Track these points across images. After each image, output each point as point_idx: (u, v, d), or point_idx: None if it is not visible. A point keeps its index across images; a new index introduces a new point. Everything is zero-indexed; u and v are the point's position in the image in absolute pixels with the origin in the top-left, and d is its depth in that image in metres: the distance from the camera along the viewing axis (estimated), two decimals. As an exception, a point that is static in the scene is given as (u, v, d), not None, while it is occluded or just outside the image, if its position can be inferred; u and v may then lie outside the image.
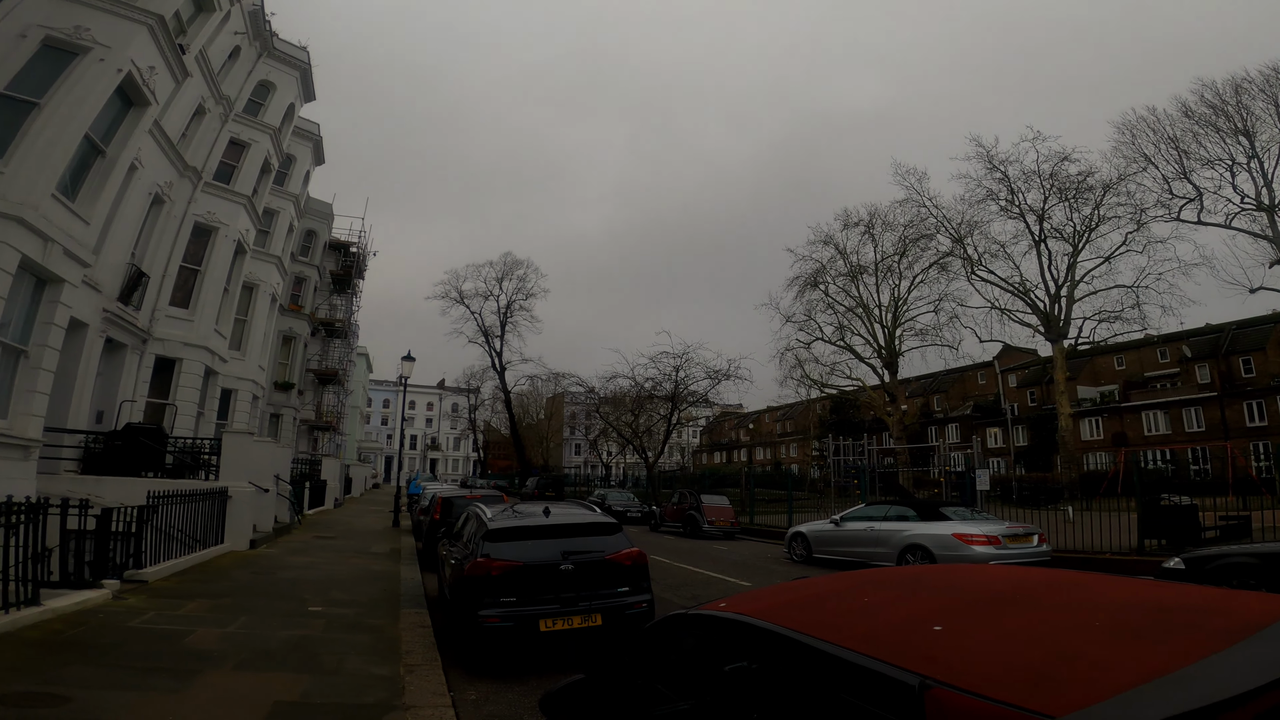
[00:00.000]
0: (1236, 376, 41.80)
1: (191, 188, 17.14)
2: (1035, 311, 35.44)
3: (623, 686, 2.75)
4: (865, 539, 12.81)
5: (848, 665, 1.72)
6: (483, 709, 5.19)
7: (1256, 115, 29.30)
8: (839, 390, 44.35)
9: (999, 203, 35.70)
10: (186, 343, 16.78)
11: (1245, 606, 1.89)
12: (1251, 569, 7.43)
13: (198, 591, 8.52)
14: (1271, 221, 29.07)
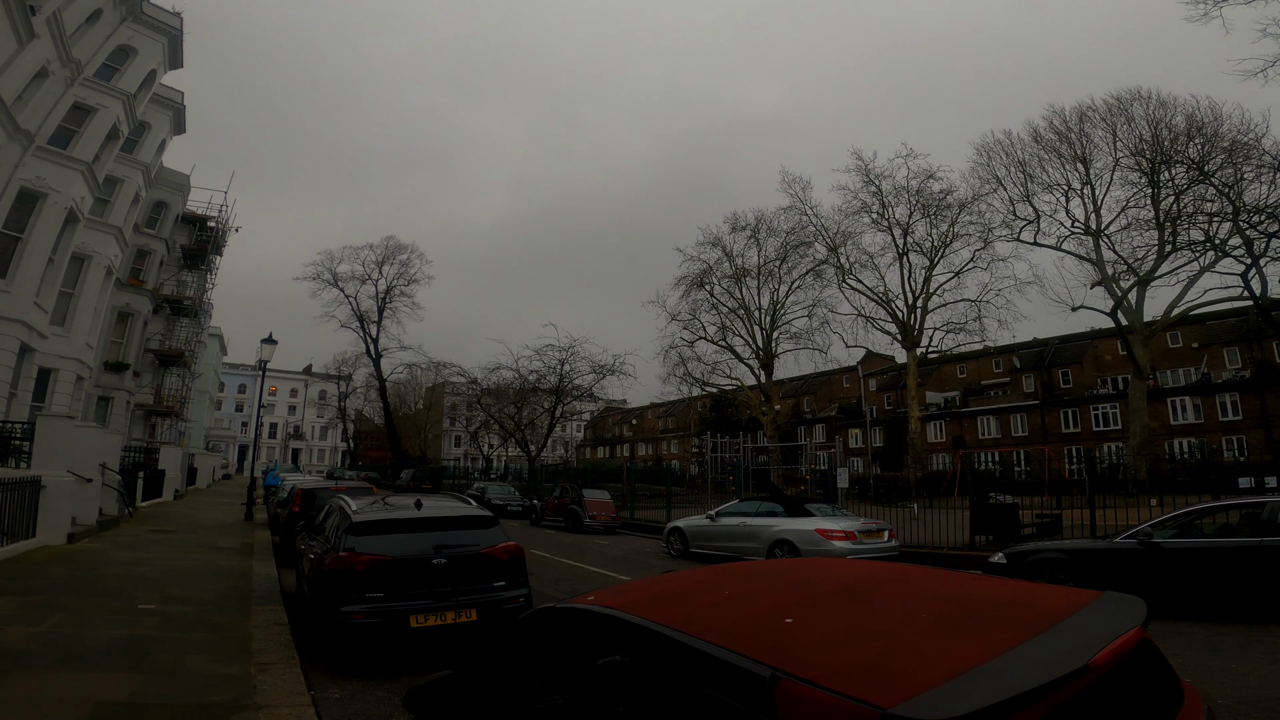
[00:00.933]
0: (1056, 387, 47.72)
1: (21, 151, 15.29)
2: (895, 320, 38.53)
3: (491, 681, 2.72)
4: (738, 534, 13.34)
5: (707, 658, 1.76)
6: (349, 707, 4.99)
7: (1095, 143, 32.79)
8: (719, 389, 45.99)
9: (871, 215, 38.47)
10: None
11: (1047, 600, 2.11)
12: (1061, 563, 8.25)
13: (3, 589, 7.53)
14: (1096, 245, 32.94)
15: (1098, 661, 1.58)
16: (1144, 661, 1.90)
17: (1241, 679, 5.06)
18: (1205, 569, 7.23)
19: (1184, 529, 7.85)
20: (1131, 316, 32.29)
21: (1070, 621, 1.86)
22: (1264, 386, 36.96)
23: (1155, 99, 31.03)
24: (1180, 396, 40.59)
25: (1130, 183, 31.89)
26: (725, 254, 42.34)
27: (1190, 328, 41.40)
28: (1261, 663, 5.50)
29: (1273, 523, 7.13)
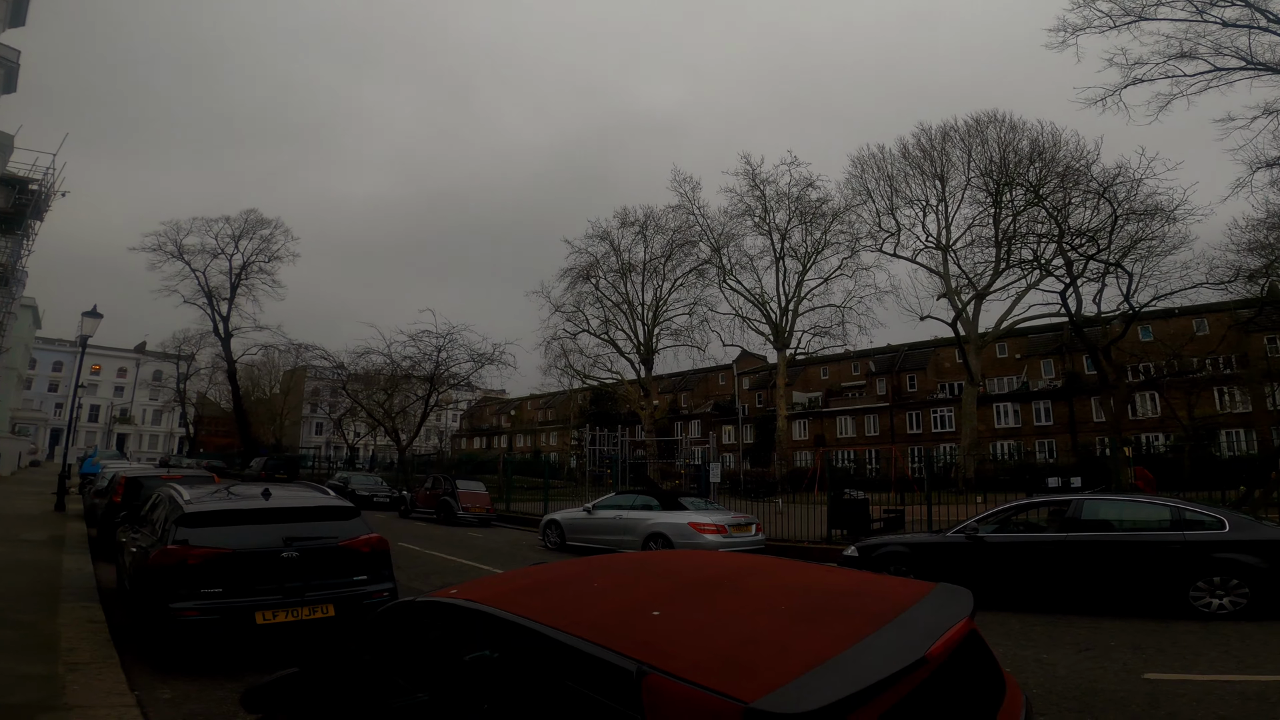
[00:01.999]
0: (904, 391, 52.33)
1: None
2: (769, 322, 40.51)
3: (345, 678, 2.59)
4: (614, 526, 13.48)
5: (574, 651, 1.76)
6: (183, 708, 4.64)
7: (953, 162, 35.74)
8: (600, 382, 46.25)
9: (754, 219, 40.07)
10: None
11: (889, 592, 2.26)
12: (904, 556, 8.88)
13: None
14: (944, 260, 36.13)
15: (934, 653, 1.69)
16: (972, 652, 2.04)
17: (1051, 668, 5.37)
18: (1021, 561, 8.00)
19: (1003, 524, 8.51)
20: (968, 328, 35.98)
21: (909, 613, 1.98)
22: (1072, 395, 42.66)
23: (1007, 123, 34.41)
24: (1004, 402, 45.93)
25: (978, 202, 35.24)
26: (613, 248, 42.63)
27: (1015, 340, 46.88)
28: (1068, 653, 5.84)
29: (1076, 519, 8.02)
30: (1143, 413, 38.60)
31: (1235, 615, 6.86)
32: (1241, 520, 7.56)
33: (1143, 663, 5.37)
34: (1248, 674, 4.86)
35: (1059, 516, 8.27)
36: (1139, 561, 7.38)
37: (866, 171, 37.66)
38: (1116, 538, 7.73)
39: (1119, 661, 5.43)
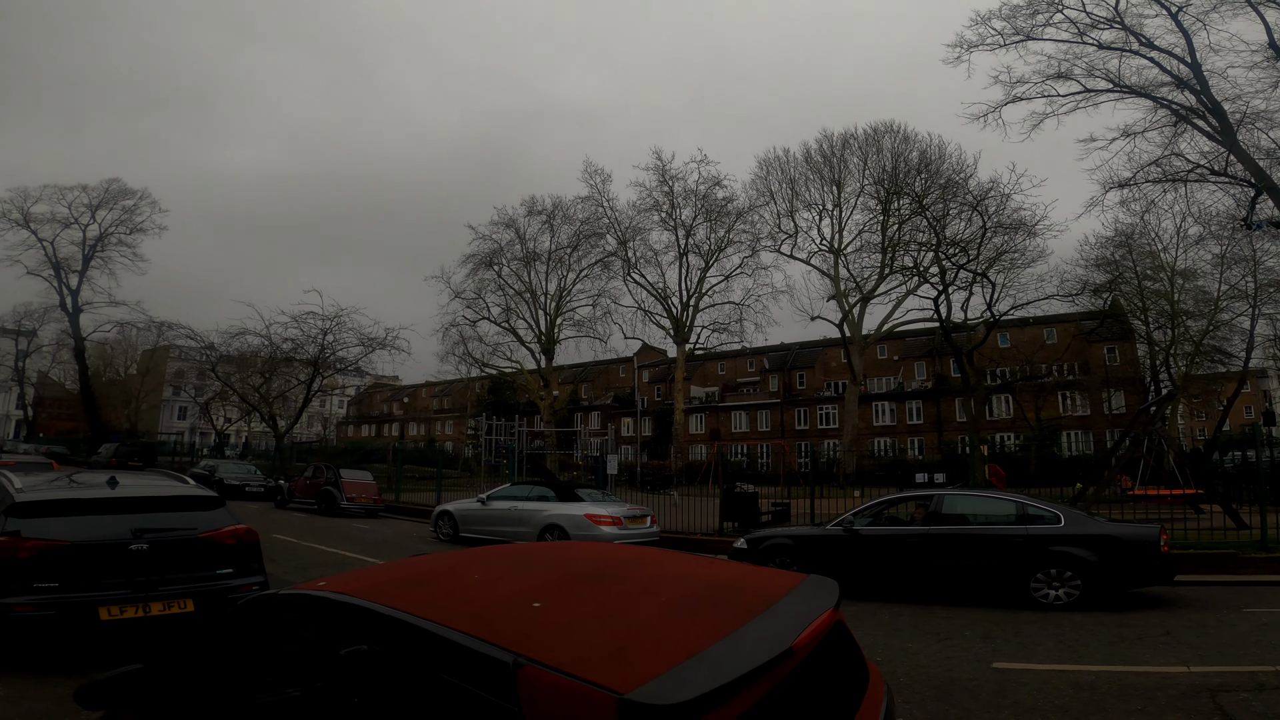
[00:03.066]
0: (794, 388, 54.88)
1: None
2: (670, 316, 41.26)
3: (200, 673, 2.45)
4: (509, 518, 13.28)
5: (449, 644, 1.73)
6: (19, 705, 4.36)
7: (850, 169, 37.47)
8: (499, 371, 45.38)
9: (661, 214, 40.59)
10: None
11: (764, 583, 2.34)
12: (788, 548, 9.17)
13: None
14: (836, 263, 38.08)
15: (800, 643, 1.75)
16: (838, 642, 2.15)
17: (915, 657, 5.60)
18: (890, 553, 8.49)
19: (875, 518, 8.85)
20: (853, 329, 38.22)
21: (780, 605, 2.05)
22: (940, 396, 46.38)
23: (901, 134, 36.60)
24: (882, 401, 49.25)
25: (869, 209, 37.43)
26: (518, 236, 41.85)
27: (894, 342, 50.30)
28: (929, 642, 6.09)
29: (937, 513, 8.36)
30: (999, 414, 42.62)
31: (1069, 606, 7.28)
32: (1075, 515, 8.08)
33: (992, 652, 5.71)
34: (1079, 664, 5.25)
35: (923, 510, 8.72)
36: (989, 554, 7.81)
37: (771, 173, 39.00)
38: (970, 531, 8.12)
39: (972, 651, 5.77)
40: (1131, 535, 7.59)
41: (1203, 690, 4.39)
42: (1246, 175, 19.30)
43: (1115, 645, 5.67)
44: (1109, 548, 7.37)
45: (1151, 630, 6.11)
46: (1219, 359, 30.46)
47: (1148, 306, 29.83)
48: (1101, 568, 7.29)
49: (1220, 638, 5.83)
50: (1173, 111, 20.52)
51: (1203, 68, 19.82)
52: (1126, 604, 7.22)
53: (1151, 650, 5.46)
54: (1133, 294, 29.98)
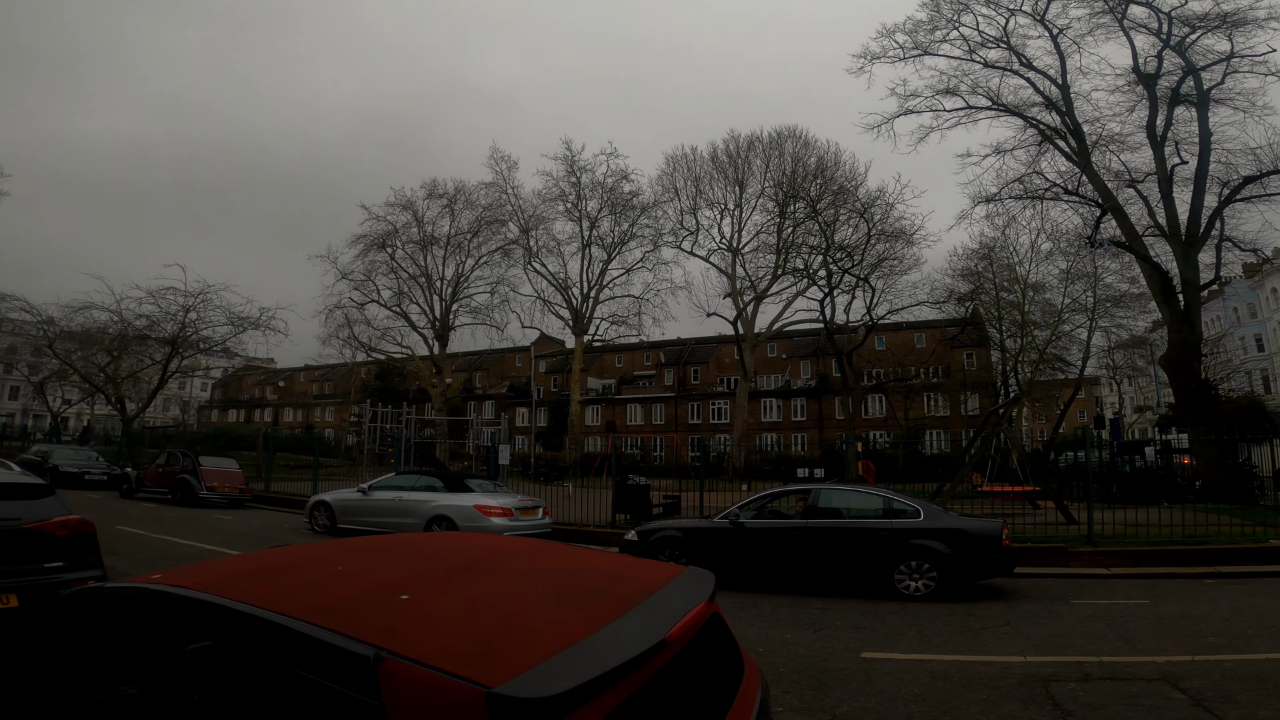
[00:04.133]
0: (689, 382, 56.18)
1: None
2: (570, 307, 40.82)
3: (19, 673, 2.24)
4: (393, 509, 12.73)
5: (303, 639, 1.65)
6: None
7: (753, 171, 38.57)
8: (388, 356, 43.37)
9: (567, 204, 40.06)
10: None
11: (642, 575, 2.34)
12: (677, 540, 9.04)
13: None
14: (733, 262, 39.25)
15: (673, 635, 1.76)
16: (714, 633, 2.19)
17: (792, 647, 5.79)
18: (772, 545, 8.78)
19: (759, 511, 9.11)
20: (746, 327, 39.65)
21: (656, 597, 2.06)
22: (822, 394, 49.07)
23: (803, 139, 38.12)
24: (770, 398, 51.46)
25: (767, 210, 38.77)
26: (416, 219, 40.15)
27: (783, 341, 52.67)
28: (806, 633, 6.31)
29: (815, 507, 8.70)
30: (873, 413, 45.68)
31: (927, 597, 7.70)
32: (933, 509, 8.55)
33: (861, 642, 6.00)
34: (935, 654, 5.59)
35: (803, 504, 9.08)
36: (859, 546, 8.18)
37: (677, 170, 39.65)
38: (843, 524, 8.49)
39: (843, 641, 6.04)
40: (978, 529, 8.06)
41: (1037, 680, 4.79)
42: (1095, 196, 21.35)
43: (964, 635, 6.17)
44: (960, 541, 7.87)
45: (995, 621, 6.67)
46: (1059, 367, 34.16)
47: (1003, 316, 32.92)
48: (953, 560, 7.77)
49: (1051, 628, 6.38)
50: (1040, 131, 22.42)
51: (1070, 89, 21.87)
52: (974, 595, 7.83)
53: (994, 640, 5.96)
54: (991, 304, 33.00)
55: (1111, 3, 20.73)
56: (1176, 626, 6.28)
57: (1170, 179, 20.28)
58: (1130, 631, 6.07)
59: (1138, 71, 21.03)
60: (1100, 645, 5.59)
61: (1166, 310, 20.19)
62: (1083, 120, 21.75)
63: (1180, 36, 20.06)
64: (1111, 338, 33.69)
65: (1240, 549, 9.83)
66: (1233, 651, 5.31)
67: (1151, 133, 20.64)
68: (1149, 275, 20.74)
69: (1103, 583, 8.71)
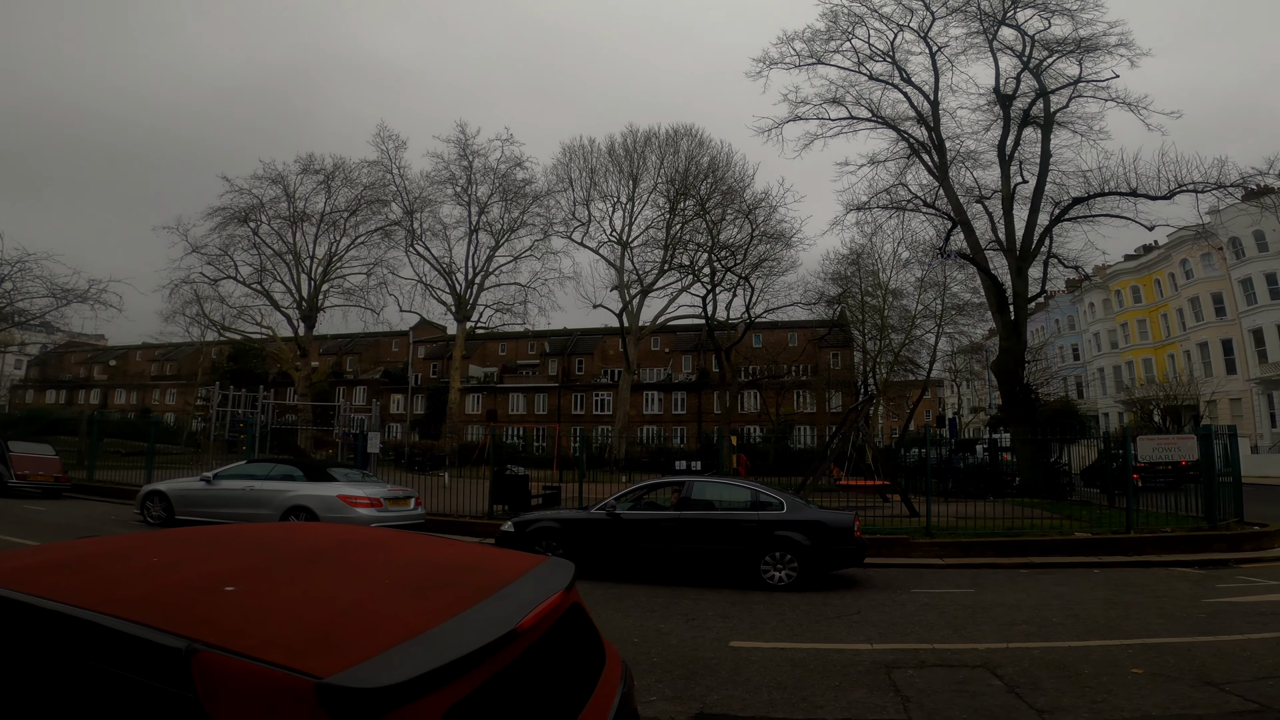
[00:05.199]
0: (573, 373, 56.06)
1: None
2: (453, 292, 39.56)
3: None
4: (243, 499, 11.74)
5: (110, 633, 1.55)
6: None
7: (648, 166, 39.01)
8: (244, 336, 39.92)
9: (456, 188, 38.73)
10: None
11: (500, 565, 2.31)
12: (555, 531, 8.98)
13: None
14: (622, 255, 39.53)
15: (525, 625, 1.75)
16: (573, 624, 2.18)
17: (665, 637, 5.91)
18: (648, 536, 8.92)
19: (636, 502, 9.20)
20: (631, 320, 40.21)
21: (512, 587, 2.03)
22: (702, 389, 50.69)
23: (698, 138, 38.93)
24: (652, 391, 52.45)
25: (658, 206, 39.44)
26: (286, 194, 37.36)
27: (667, 335, 53.81)
28: (679, 623, 6.45)
29: (688, 499, 8.95)
30: (749, 408, 47.82)
31: (789, 587, 8.01)
32: (795, 502, 8.88)
33: (729, 631, 6.21)
34: (795, 642, 5.83)
35: (677, 495, 9.32)
36: (729, 537, 8.43)
37: (573, 161, 39.40)
38: (714, 516, 8.70)
39: (714, 630, 6.22)
40: (834, 521, 8.45)
41: (881, 667, 5.11)
42: (949, 209, 23.14)
43: (820, 624, 6.58)
44: (818, 532, 8.30)
45: (847, 610, 7.15)
46: (910, 369, 37.43)
47: (865, 319, 35.58)
48: (813, 551, 8.19)
49: (894, 616, 6.82)
50: (909, 145, 24.04)
51: (940, 106, 23.56)
52: (829, 585, 8.36)
53: (846, 629, 6.40)
54: (856, 307, 35.55)
55: (986, 23, 22.49)
56: (996, 615, 6.83)
57: (1012, 197, 22.24)
58: (958, 620, 6.66)
59: (998, 92, 22.91)
60: (934, 633, 6.11)
61: (1000, 320, 22.33)
62: (946, 136, 23.46)
63: (1039, 60, 22.04)
64: (955, 343, 37.35)
65: (1050, 540, 10.80)
66: (1041, 639, 5.84)
67: (1002, 151, 22.54)
68: (987, 287, 22.75)
69: (937, 572, 9.47)
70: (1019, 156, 22.66)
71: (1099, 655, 5.18)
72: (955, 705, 4.24)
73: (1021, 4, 21.76)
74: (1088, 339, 54.49)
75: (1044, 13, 21.63)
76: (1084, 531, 11.37)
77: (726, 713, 4.30)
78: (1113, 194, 20.60)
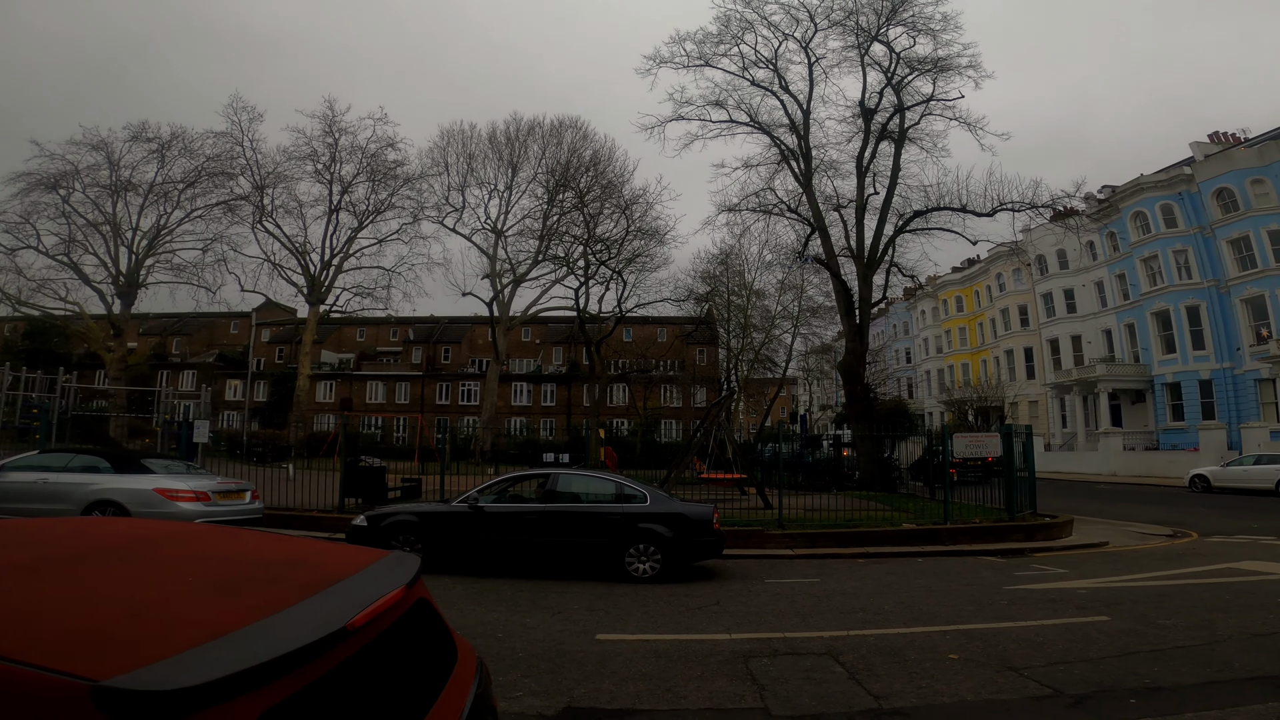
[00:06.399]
0: (439, 362, 53.87)
1: None
2: (306, 273, 36.88)
3: None
4: (34, 494, 10.14)
5: None
6: None
7: (529, 155, 38.30)
8: (44, 312, 34.62)
9: (318, 165, 36.28)
10: None
11: (332, 561, 2.18)
12: (413, 525, 8.67)
13: None
14: (496, 243, 38.62)
15: (357, 623, 1.64)
16: (419, 621, 2.08)
17: (531, 632, 5.86)
18: (513, 530, 8.77)
19: (500, 495, 9.08)
20: (502, 309, 39.39)
21: (346, 583, 1.92)
22: (572, 381, 50.66)
23: (583, 131, 38.72)
24: (521, 382, 51.70)
25: (537, 196, 38.89)
26: (109, 161, 32.95)
27: (538, 326, 53.23)
28: (545, 617, 6.40)
29: (554, 491, 8.85)
30: (617, 401, 48.50)
31: (653, 579, 8.13)
32: (658, 495, 9.04)
33: (596, 624, 6.23)
34: (659, 634, 5.93)
35: (541, 489, 9.04)
36: (594, 530, 8.46)
37: (451, 145, 38.15)
38: (579, 509, 8.73)
39: (580, 624, 6.23)
40: (694, 513, 8.64)
41: (739, 656, 5.26)
42: (810, 216, 24.54)
43: (683, 615, 6.78)
44: (680, 525, 8.53)
45: (707, 601, 7.39)
46: (769, 366, 39.69)
47: (731, 318, 37.23)
48: (675, 543, 8.41)
49: (749, 607, 7.05)
50: (781, 151, 25.24)
51: (811, 115, 24.91)
52: (691, 576, 8.62)
53: (707, 619, 6.61)
54: (723, 305, 37.10)
55: (861, 38, 23.99)
56: (837, 604, 7.20)
57: (865, 207, 24.03)
58: (805, 609, 7.06)
59: (863, 105, 24.60)
60: (785, 622, 6.46)
61: (847, 323, 24.20)
62: (814, 145, 24.91)
63: (902, 76, 23.87)
64: (808, 343, 40.07)
65: (882, 531, 11.51)
66: (875, 626, 6.20)
67: (860, 163, 24.26)
68: (838, 291, 24.42)
69: (788, 563, 10.00)
70: (874, 169, 24.46)
71: (922, 641, 5.68)
72: (805, 692, 4.52)
73: (894, 22, 23.42)
74: (919, 343, 60.67)
75: (912, 31, 23.44)
76: (910, 523, 12.31)
77: (595, 705, 4.32)
78: (947, 209, 22.88)
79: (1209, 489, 22.41)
